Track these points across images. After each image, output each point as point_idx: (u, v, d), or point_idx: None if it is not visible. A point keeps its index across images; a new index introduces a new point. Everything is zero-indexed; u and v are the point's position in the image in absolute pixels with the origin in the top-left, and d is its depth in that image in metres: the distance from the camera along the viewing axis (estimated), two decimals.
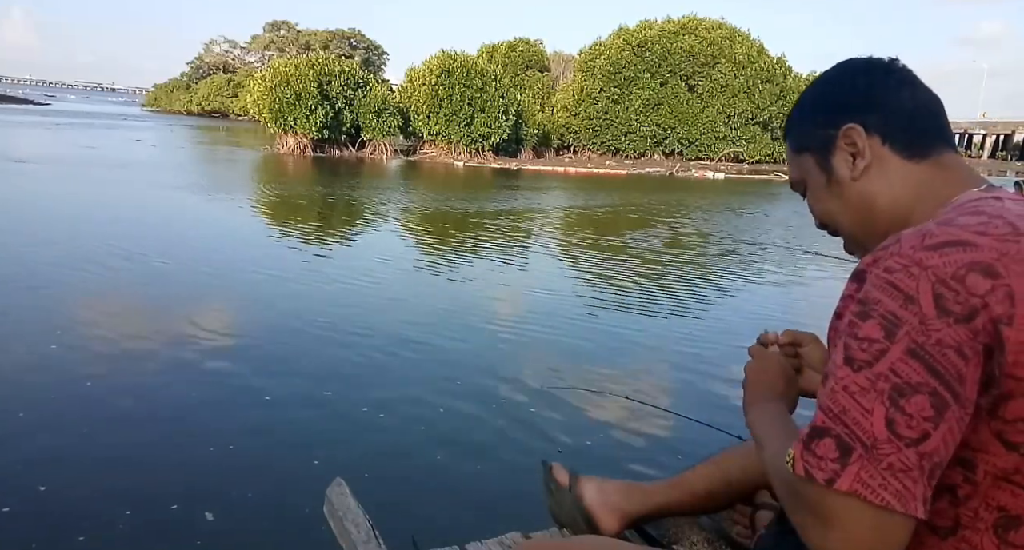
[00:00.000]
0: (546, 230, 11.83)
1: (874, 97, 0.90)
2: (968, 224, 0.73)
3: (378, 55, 64.51)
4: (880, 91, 0.90)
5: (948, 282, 0.69)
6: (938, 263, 0.70)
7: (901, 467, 0.69)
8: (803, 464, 0.72)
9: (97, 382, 4.04)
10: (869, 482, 0.69)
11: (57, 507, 2.78)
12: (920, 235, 0.74)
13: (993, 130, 45.57)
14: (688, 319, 6.39)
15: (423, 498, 3.02)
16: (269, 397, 3.98)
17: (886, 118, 0.89)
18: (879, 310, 0.72)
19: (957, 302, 0.69)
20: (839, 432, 0.71)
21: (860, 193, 0.90)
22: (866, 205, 0.90)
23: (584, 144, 32.22)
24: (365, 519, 1.48)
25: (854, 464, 0.69)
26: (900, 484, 0.69)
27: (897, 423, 0.69)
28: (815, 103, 0.96)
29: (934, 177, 0.87)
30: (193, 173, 17.08)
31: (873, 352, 0.71)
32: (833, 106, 0.92)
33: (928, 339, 0.69)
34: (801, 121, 0.97)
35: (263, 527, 2.77)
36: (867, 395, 0.70)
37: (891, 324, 0.70)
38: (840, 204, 0.92)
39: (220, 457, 3.27)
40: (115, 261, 7.07)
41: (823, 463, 0.71)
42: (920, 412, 0.68)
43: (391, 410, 3.91)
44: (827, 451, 0.71)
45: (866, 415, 0.70)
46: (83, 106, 63.04)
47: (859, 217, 0.91)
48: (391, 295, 6.58)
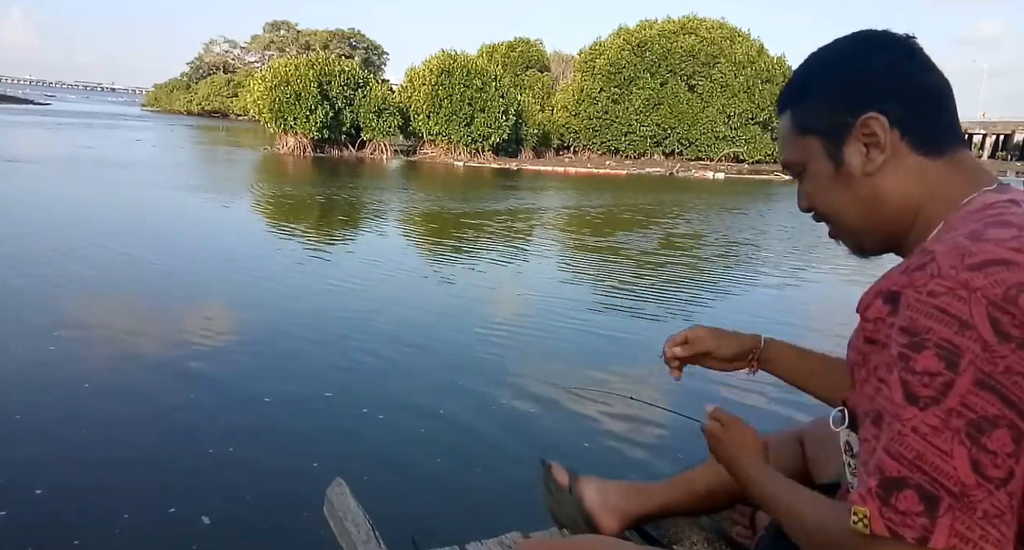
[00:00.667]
0: (546, 231, 11.83)
1: (897, 84, 0.81)
2: (1002, 239, 0.68)
3: (378, 55, 64.53)
4: (903, 78, 0.81)
5: (1002, 305, 0.64)
6: (985, 284, 0.65)
7: (995, 512, 0.63)
8: (884, 522, 0.65)
9: (95, 384, 4.03)
10: (968, 535, 0.63)
11: (54, 510, 2.77)
12: (958, 253, 0.68)
13: (993, 130, 45.55)
14: (685, 320, 6.38)
15: (423, 498, 3.02)
16: (268, 398, 3.98)
17: (907, 109, 0.81)
18: (933, 339, 0.65)
19: (1015, 326, 0.63)
20: (919, 481, 0.64)
21: (871, 188, 0.83)
22: (875, 201, 0.83)
23: (584, 144, 32.22)
24: (365, 519, 1.48)
25: (945, 516, 0.63)
26: (998, 532, 0.63)
27: (983, 464, 0.63)
28: (829, 81, 0.85)
29: (948, 177, 0.81)
30: (193, 173, 17.07)
31: (937, 386, 0.64)
32: (851, 89, 0.82)
33: (996, 367, 0.63)
34: (811, 98, 0.86)
35: (263, 527, 2.76)
36: (941, 435, 0.63)
37: (951, 354, 0.64)
38: (845, 196, 0.85)
39: (219, 458, 3.27)
40: (114, 261, 7.06)
41: (909, 519, 0.64)
42: (1003, 448, 0.62)
43: (391, 411, 3.91)
44: (911, 504, 0.64)
45: (946, 458, 0.63)
46: (83, 106, 63.02)
47: (864, 212, 0.84)
48: (391, 296, 6.57)
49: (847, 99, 0.82)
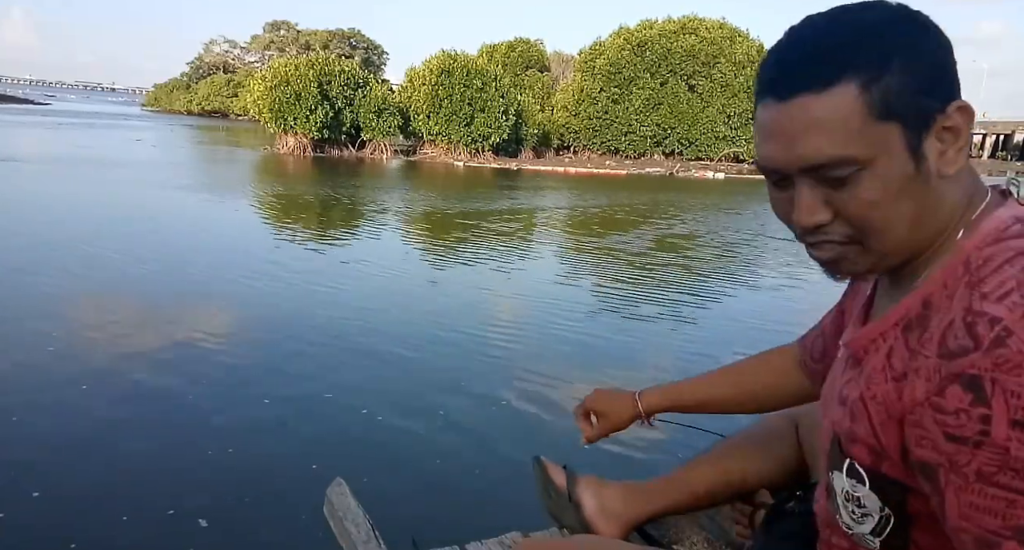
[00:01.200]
0: (545, 231, 11.83)
1: (956, 74, 0.67)
2: None
3: (378, 55, 64.53)
4: (955, 68, 0.67)
5: None
6: None
7: None
8: None
9: (92, 386, 4.03)
10: None
11: (52, 513, 2.77)
12: None
13: (993, 130, 45.56)
14: (686, 319, 6.38)
15: (423, 498, 3.02)
16: (267, 400, 3.98)
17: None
18: None
19: None
20: None
21: (937, 196, 0.67)
22: (933, 212, 0.68)
23: (584, 144, 32.22)
24: (365, 519, 1.48)
25: None
26: None
27: None
28: (920, 54, 0.65)
29: (968, 185, 0.70)
30: (193, 173, 17.06)
31: None
32: (936, 70, 0.65)
33: None
34: (897, 71, 0.63)
35: (263, 527, 2.76)
36: None
37: None
38: (911, 205, 0.66)
39: (219, 459, 3.27)
40: (114, 262, 7.06)
41: None
42: None
43: (391, 411, 3.91)
44: None
45: None
46: (83, 106, 63.02)
47: (917, 226, 0.67)
48: (391, 296, 6.58)
49: (933, 81, 0.65)
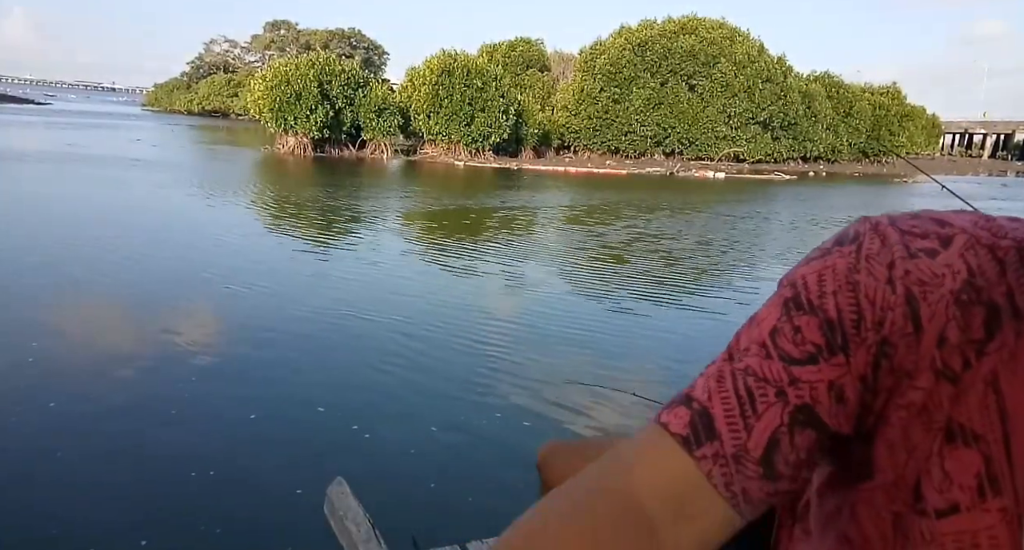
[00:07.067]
0: (545, 231, 11.83)
1: None
2: None
3: (378, 55, 64.54)
4: None
5: None
6: None
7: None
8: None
9: (91, 387, 4.02)
10: None
11: (51, 515, 2.77)
12: None
13: (993, 130, 45.57)
14: (684, 319, 6.38)
15: (423, 498, 3.02)
16: (267, 400, 3.98)
17: None
18: None
19: None
20: None
21: None
22: None
23: (584, 144, 32.20)
24: (366, 518, 1.47)
25: None
26: None
27: None
28: None
29: None
30: (193, 173, 17.04)
31: None
32: None
33: None
34: None
35: (264, 527, 2.76)
36: None
37: None
38: None
39: (219, 459, 3.26)
40: (113, 262, 7.06)
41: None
42: None
43: (391, 410, 3.91)
44: None
45: None
46: (83, 106, 63.05)
47: None
48: (391, 295, 6.57)
49: None
